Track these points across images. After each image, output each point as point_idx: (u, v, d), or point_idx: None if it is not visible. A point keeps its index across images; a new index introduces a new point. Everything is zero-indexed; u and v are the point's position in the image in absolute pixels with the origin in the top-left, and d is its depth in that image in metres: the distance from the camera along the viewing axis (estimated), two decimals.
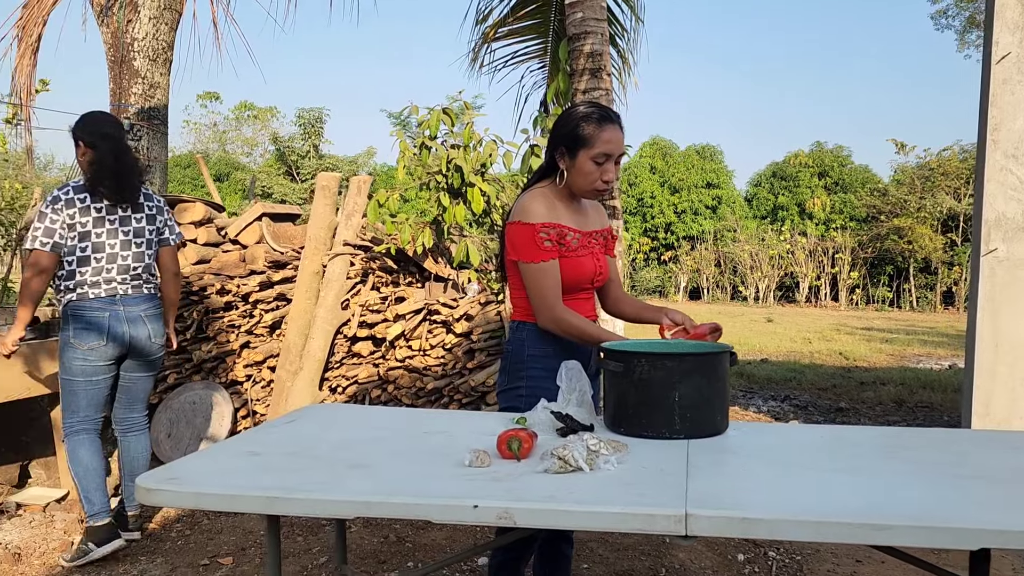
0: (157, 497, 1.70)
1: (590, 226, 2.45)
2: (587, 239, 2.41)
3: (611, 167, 2.31)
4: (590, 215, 2.48)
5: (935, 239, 26.55)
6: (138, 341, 3.44)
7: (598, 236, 2.47)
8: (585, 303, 2.44)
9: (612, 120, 2.32)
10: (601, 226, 2.51)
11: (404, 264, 5.06)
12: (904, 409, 7.00)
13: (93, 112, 3.48)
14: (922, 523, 1.33)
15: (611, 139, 2.29)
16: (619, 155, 2.32)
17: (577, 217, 2.41)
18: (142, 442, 3.63)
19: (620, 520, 1.47)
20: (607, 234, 2.53)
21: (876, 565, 3.33)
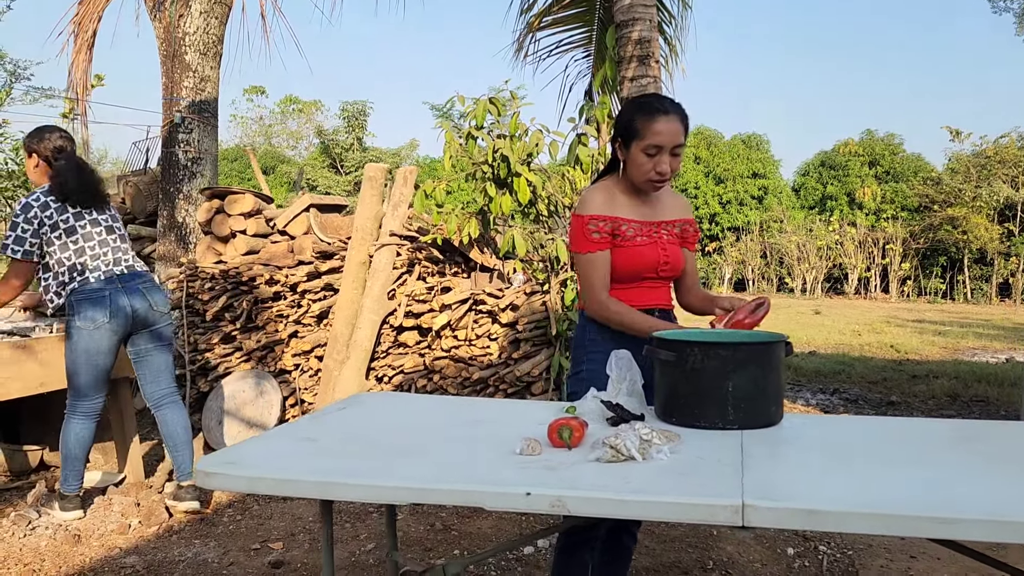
0: (215, 481, 1.73)
1: (660, 216, 2.45)
2: (652, 229, 2.41)
3: (664, 159, 2.29)
4: (662, 205, 2.47)
5: (991, 229, 25.79)
6: (140, 312, 3.63)
7: (670, 226, 2.47)
8: (652, 291, 2.45)
9: (665, 111, 2.29)
10: (677, 216, 2.50)
11: (450, 254, 5.08)
12: (959, 403, 6.82)
13: (44, 127, 3.71)
14: (989, 517, 1.29)
15: (662, 130, 2.26)
16: (674, 146, 2.29)
17: (642, 208, 2.43)
18: (177, 413, 3.80)
19: (676, 510, 1.45)
20: (685, 225, 2.52)
21: (931, 561, 3.25)
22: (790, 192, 33.98)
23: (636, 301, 2.42)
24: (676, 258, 2.46)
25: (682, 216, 2.52)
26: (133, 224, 5.74)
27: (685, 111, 2.37)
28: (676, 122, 2.29)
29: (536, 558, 3.30)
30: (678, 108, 2.34)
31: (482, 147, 4.68)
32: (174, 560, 3.24)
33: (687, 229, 2.53)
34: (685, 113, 2.36)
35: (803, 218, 31.36)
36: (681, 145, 2.31)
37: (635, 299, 2.42)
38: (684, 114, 2.35)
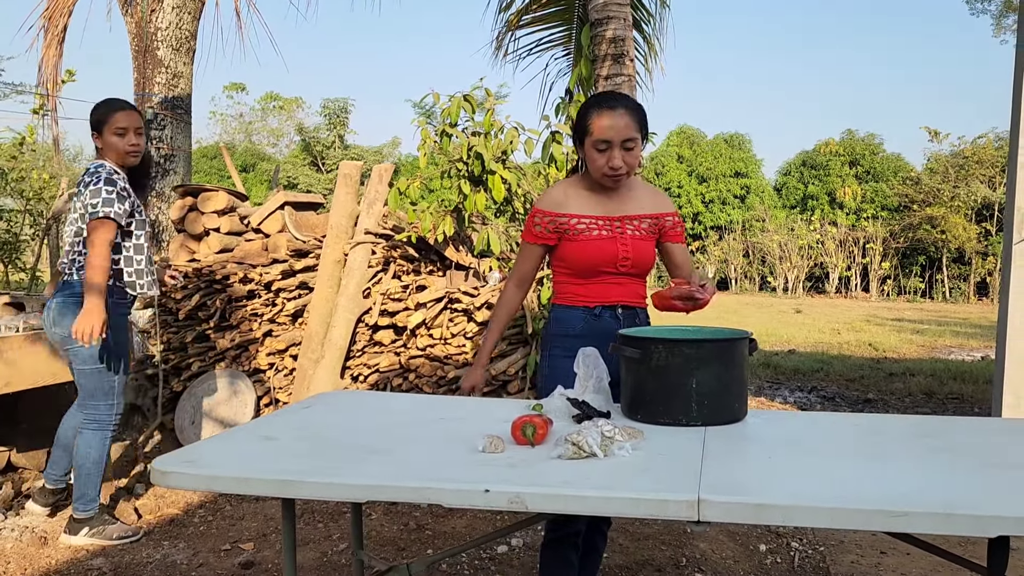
0: (172, 480, 1.70)
1: (625, 211, 2.43)
2: (614, 223, 2.40)
3: (615, 153, 2.30)
4: (631, 200, 2.45)
5: (969, 228, 26.05)
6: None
7: (636, 221, 2.43)
8: (615, 287, 2.43)
9: (611, 106, 2.31)
10: (647, 211, 2.46)
11: (425, 252, 5.06)
12: (934, 400, 6.88)
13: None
14: (940, 510, 1.29)
15: (608, 125, 2.29)
16: (624, 140, 2.29)
17: (606, 203, 2.42)
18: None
19: (633, 505, 1.45)
20: (661, 220, 2.48)
21: (901, 557, 3.27)
22: (772, 191, 34.16)
23: (596, 297, 2.42)
24: (641, 253, 2.43)
25: (655, 211, 2.48)
26: None
27: (638, 105, 2.36)
28: (624, 116, 2.29)
29: (510, 557, 3.29)
30: (627, 102, 2.34)
31: (457, 144, 4.66)
32: (142, 562, 3.21)
33: (665, 223, 2.49)
34: (637, 107, 2.35)
35: (785, 217, 31.53)
36: (632, 139, 2.30)
37: (595, 294, 2.42)
38: (635, 108, 2.34)
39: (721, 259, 30.87)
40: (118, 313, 3.34)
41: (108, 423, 3.36)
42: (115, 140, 3.29)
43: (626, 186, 2.45)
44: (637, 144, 2.33)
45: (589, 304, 2.42)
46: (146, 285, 3.44)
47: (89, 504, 3.35)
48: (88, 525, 3.34)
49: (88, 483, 3.34)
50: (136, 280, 3.39)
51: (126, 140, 3.31)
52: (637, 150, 2.34)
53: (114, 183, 3.25)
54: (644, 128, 2.37)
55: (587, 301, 2.43)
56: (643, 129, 2.36)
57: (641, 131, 2.35)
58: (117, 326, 3.31)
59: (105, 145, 3.32)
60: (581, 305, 2.44)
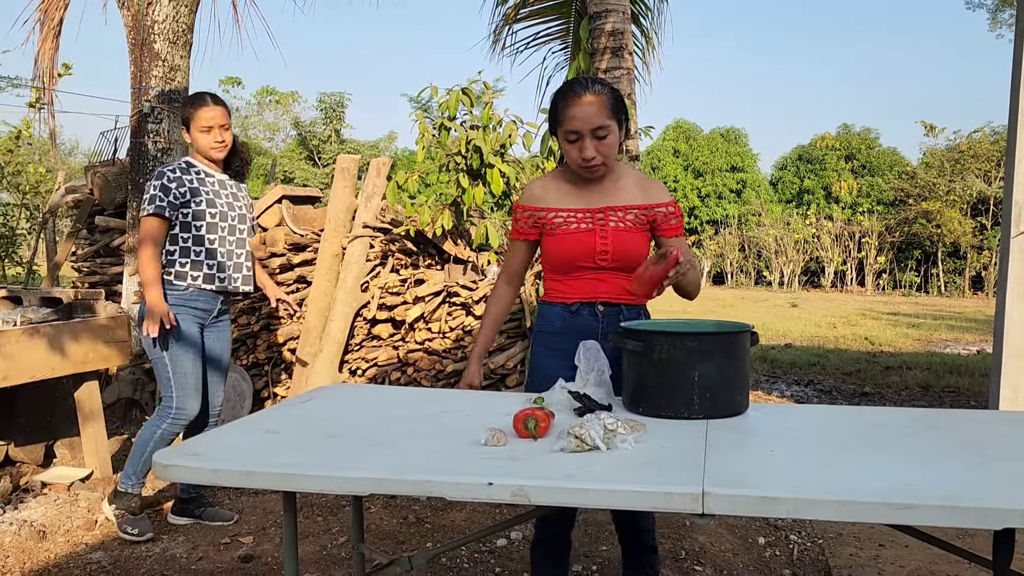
0: (175, 473, 1.70)
1: (609, 202, 2.30)
2: (594, 216, 2.29)
3: (587, 143, 2.18)
4: (616, 191, 2.32)
5: (964, 223, 26.11)
6: None
7: (620, 212, 2.29)
8: (597, 283, 2.33)
9: (578, 93, 2.17)
10: (634, 202, 2.31)
11: (423, 246, 5.05)
12: (931, 394, 6.90)
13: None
14: (945, 503, 1.30)
15: (575, 115, 2.16)
16: (594, 128, 2.16)
17: (587, 195, 2.32)
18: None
19: (637, 498, 1.45)
20: (651, 211, 2.31)
21: (899, 549, 3.28)
22: (768, 186, 34.20)
23: (575, 293, 2.35)
24: (623, 246, 2.29)
25: (644, 201, 2.32)
26: (102, 216, 5.65)
27: (610, 89, 2.20)
28: (593, 103, 2.15)
29: (509, 550, 3.30)
30: (595, 87, 2.19)
31: (455, 138, 4.65)
32: (141, 556, 3.20)
33: (656, 215, 2.32)
34: (609, 92, 2.19)
35: (780, 212, 31.58)
36: (603, 127, 2.16)
37: (574, 290, 2.35)
38: (607, 93, 2.19)
39: (717, 253, 30.89)
40: (178, 307, 3.32)
41: (168, 413, 3.35)
42: (200, 136, 3.33)
43: (612, 176, 2.32)
44: (611, 131, 2.18)
45: (567, 300, 2.35)
46: (202, 278, 3.36)
47: (125, 480, 3.40)
48: (118, 502, 3.39)
49: (132, 460, 3.40)
50: (190, 271, 3.34)
51: (212, 136, 3.34)
52: (612, 137, 2.19)
53: (162, 175, 3.28)
54: (620, 112, 2.21)
55: (565, 297, 2.35)
56: (618, 113, 2.20)
57: (616, 116, 2.19)
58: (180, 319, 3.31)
59: (192, 141, 3.37)
60: (559, 301, 2.37)
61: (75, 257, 5.83)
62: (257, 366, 5.04)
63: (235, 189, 3.53)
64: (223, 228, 3.40)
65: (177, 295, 3.33)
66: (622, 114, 2.24)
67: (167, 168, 3.33)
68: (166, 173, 3.30)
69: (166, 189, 3.27)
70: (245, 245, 3.51)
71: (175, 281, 3.33)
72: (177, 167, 3.35)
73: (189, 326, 3.35)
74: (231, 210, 3.44)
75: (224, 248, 3.41)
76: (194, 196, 3.33)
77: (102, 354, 4.01)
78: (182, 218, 3.33)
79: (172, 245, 3.34)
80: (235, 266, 3.46)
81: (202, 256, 3.36)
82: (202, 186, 3.36)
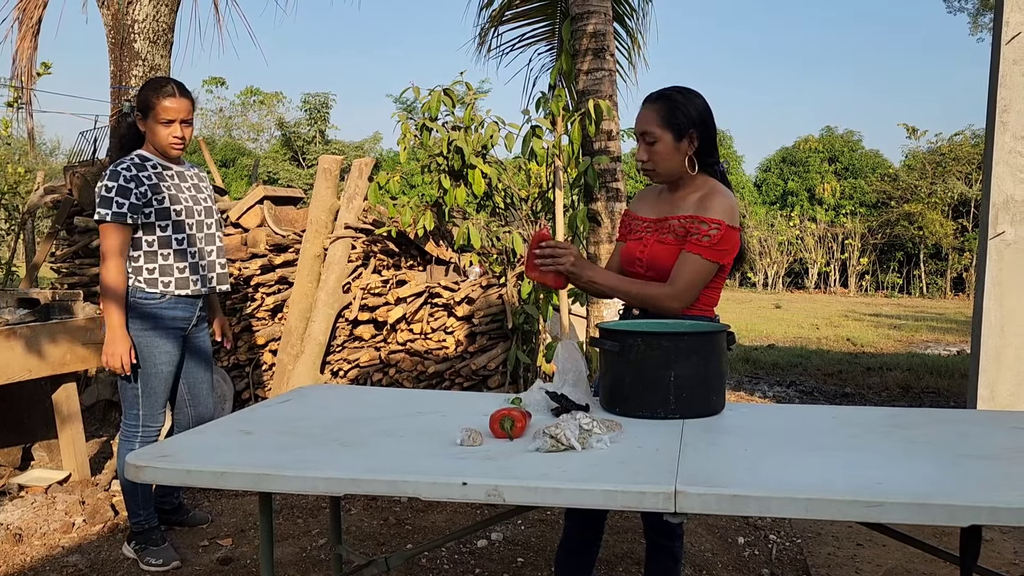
0: (147, 474, 1.69)
1: (670, 212, 2.34)
2: (649, 225, 2.39)
3: (640, 146, 2.33)
4: (681, 202, 2.34)
5: (946, 225, 26.34)
6: None
7: (670, 223, 2.32)
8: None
9: (646, 100, 2.34)
10: (685, 212, 2.30)
11: (406, 247, 5.04)
12: (911, 395, 6.95)
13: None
14: (914, 500, 1.31)
15: (639, 118, 2.33)
16: (641, 133, 2.31)
17: (662, 205, 2.40)
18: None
19: (609, 497, 1.45)
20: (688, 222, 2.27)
21: (877, 548, 3.31)
22: (752, 187, 34.35)
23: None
24: (656, 258, 2.31)
25: (693, 213, 2.28)
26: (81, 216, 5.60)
27: (667, 97, 2.30)
28: (648, 109, 2.30)
29: (489, 551, 3.29)
30: (657, 95, 2.33)
31: (437, 139, 4.65)
32: (119, 558, 3.18)
33: (690, 227, 2.26)
34: (668, 101, 2.28)
35: (765, 213, 31.72)
36: (648, 132, 2.28)
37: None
38: (664, 102, 2.28)
39: None
40: (155, 319, 3.05)
41: (135, 434, 3.10)
42: (159, 129, 2.98)
43: (691, 187, 2.34)
44: (659, 139, 2.27)
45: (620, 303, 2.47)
46: (175, 283, 3.07)
47: (134, 519, 3.13)
48: (138, 539, 3.13)
49: (128, 498, 3.13)
50: (160, 277, 3.03)
51: (171, 131, 3.00)
52: (660, 146, 2.27)
53: (117, 175, 2.94)
54: (674, 123, 2.25)
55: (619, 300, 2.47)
56: (673, 124, 2.25)
57: (668, 126, 2.25)
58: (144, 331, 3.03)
59: (148, 132, 3.02)
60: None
61: (54, 258, 5.78)
62: (238, 367, 5.01)
63: (196, 180, 3.22)
64: (190, 225, 3.11)
65: (152, 305, 3.04)
66: (679, 123, 2.26)
67: (120, 166, 2.96)
68: (121, 172, 2.94)
69: (124, 191, 2.92)
70: (216, 240, 3.23)
71: (147, 289, 3.02)
72: (131, 163, 2.99)
73: (165, 342, 3.07)
74: (196, 204, 3.15)
75: (194, 247, 3.13)
76: (155, 193, 3.01)
77: (80, 356, 3.97)
78: (144, 219, 3.00)
79: (136, 250, 3.02)
80: (208, 265, 3.18)
81: (171, 259, 3.06)
82: (162, 181, 3.04)
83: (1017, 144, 4.28)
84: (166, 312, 3.07)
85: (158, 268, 3.05)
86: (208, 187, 3.29)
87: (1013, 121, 4.28)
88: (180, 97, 3.00)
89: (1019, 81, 4.27)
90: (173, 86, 3.02)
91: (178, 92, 3.01)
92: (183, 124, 3.03)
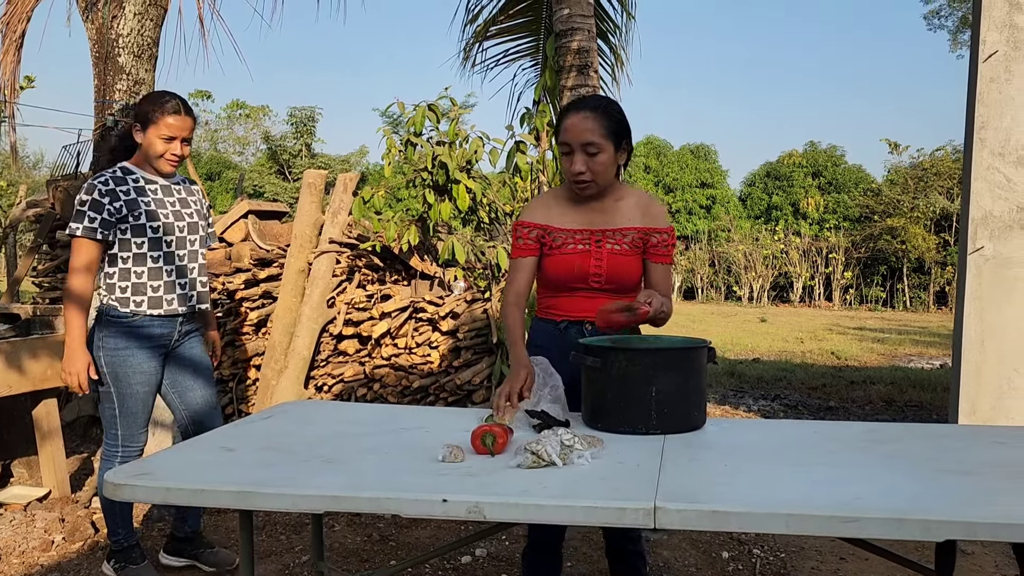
0: (125, 492, 1.68)
1: (609, 224, 2.33)
2: (593, 237, 2.32)
3: (577, 158, 2.23)
4: (618, 213, 2.34)
5: (928, 239, 26.60)
6: None
7: (618, 235, 2.33)
8: (589, 301, 2.35)
9: (576, 108, 2.26)
10: (633, 224, 2.34)
11: (390, 262, 5.04)
12: (894, 408, 6.99)
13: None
14: (891, 515, 1.32)
15: (568, 127, 2.24)
16: (583, 144, 2.22)
17: (589, 215, 2.35)
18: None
19: (590, 513, 1.46)
20: (646, 235, 2.34)
21: (860, 563, 3.32)
22: (737, 202, 34.59)
23: (565, 311, 2.38)
24: (617, 269, 2.33)
25: (642, 224, 2.34)
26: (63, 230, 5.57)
27: (610, 109, 2.27)
28: (588, 119, 2.22)
29: (473, 567, 3.28)
30: (595, 104, 2.27)
31: (421, 153, 4.66)
32: None
33: (651, 239, 2.34)
34: (607, 111, 2.26)
35: (750, 227, 31.93)
36: (592, 143, 2.21)
37: (564, 308, 2.38)
38: (603, 112, 2.25)
39: (688, 269, 31.14)
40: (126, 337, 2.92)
41: (115, 453, 3.00)
42: (157, 143, 2.88)
43: (614, 196, 2.35)
44: (602, 150, 2.22)
45: (556, 318, 2.39)
46: (147, 303, 2.93)
47: (114, 537, 3.05)
48: (117, 558, 3.06)
49: (108, 516, 3.06)
50: (132, 296, 2.91)
51: (170, 147, 2.91)
52: (603, 156, 2.23)
53: (93, 188, 2.84)
54: (615, 134, 2.25)
55: (555, 315, 2.40)
56: (614, 135, 2.25)
57: (610, 136, 2.24)
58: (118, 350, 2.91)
59: (145, 144, 2.91)
60: (549, 318, 2.41)
61: (35, 272, 5.73)
62: (222, 382, 4.98)
63: (184, 194, 3.09)
64: (168, 243, 2.97)
65: (124, 324, 2.91)
66: (620, 136, 2.27)
67: (98, 180, 2.87)
68: (97, 186, 2.84)
69: (97, 205, 2.82)
70: (198, 258, 3.09)
71: (120, 308, 2.90)
72: (110, 177, 2.89)
73: (141, 361, 2.94)
74: (178, 220, 3.01)
75: (172, 265, 2.98)
76: (131, 209, 2.88)
77: (61, 371, 3.93)
78: (120, 235, 2.89)
79: (111, 267, 2.91)
80: (190, 283, 3.04)
81: (144, 277, 2.92)
82: (141, 196, 2.92)
83: (995, 160, 4.33)
84: (140, 331, 2.94)
85: (131, 287, 2.92)
86: (197, 201, 3.16)
87: (991, 138, 4.34)
88: (184, 115, 2.92)
89: (996, 98, 4.34)
90: (178, 103, 2.93)
91: (182, 110, 2.93)
92: (183, 143, 2.95)
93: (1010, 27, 4.32)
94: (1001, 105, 4.32)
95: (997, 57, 4.34)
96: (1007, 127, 4.31)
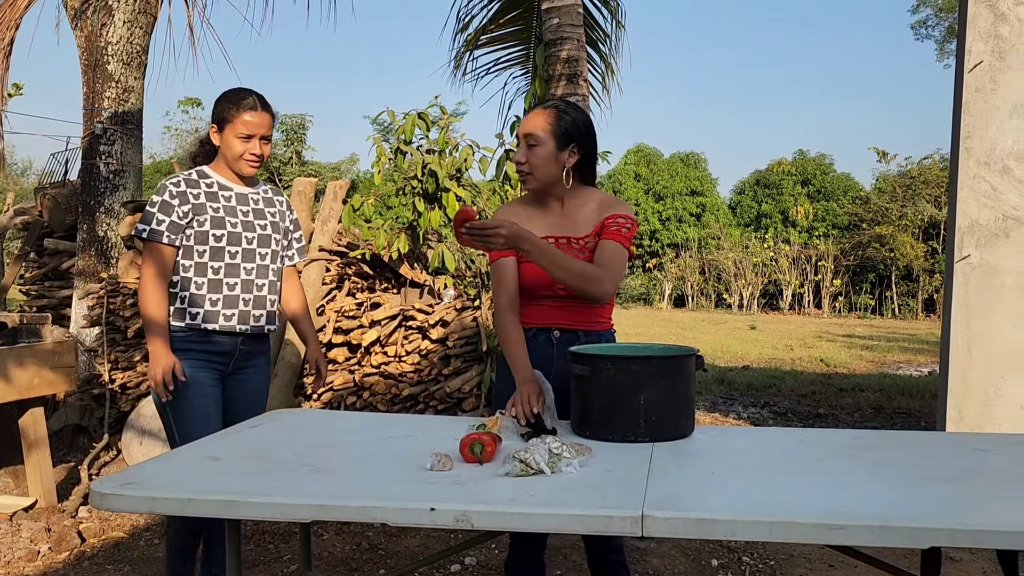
0: (112, 502, 1.66)
1: (572, 231, 2.32)
2: (554, 244, 2.28)
3: (520, 148, 2.32)
4: (580, 219, 2.33)
5: (916, 247, 26.79)
6: None
7: (581, 242, 2.31)
8: (555, 310, 2.34)
9: (535, 106, 2.35)
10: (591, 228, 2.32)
11: (380, 270, 5.03)
12: (882, 415, 7.03)
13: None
14: (876, 523, 1.32)
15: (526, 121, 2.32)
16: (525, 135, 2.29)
17: (553, 222, 2.34)
18: None
19: (577, 522, 1.45)
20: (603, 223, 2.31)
21: (849, 570, 3.33)
22: (727, 210, 34.75)
23: (532, 319, 2.37)
24: None
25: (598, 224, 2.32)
26: (51, 238, 5.55)
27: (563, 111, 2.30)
28: (536, 115, 2.29)
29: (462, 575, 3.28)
30: (550, 104, 2.34)
31: (411, 162, 4.67)
32: None
33: (608, 224, 2.30)
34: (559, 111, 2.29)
35: (739, 235, 32.08)
36: (533, 136, 2.26)
37: (532, 316, 2.37)
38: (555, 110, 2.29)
39: (678, 276, 31.24)
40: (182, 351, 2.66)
41: None
42: (236, 143, 2.68)
43: (576, 202, 2.34)
44: (541, 143, 2.25)
45: (524, 326, 2.36)
46: (202, 316, 2.67)
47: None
48: None
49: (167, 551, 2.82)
50: (188, 308, 2.66)
51: (249, 147, 2.69)
52: (541, 151, 2.26)
53: (164, 189, 2.65)
54: (563, 133, 2.26)
55: (523, 323, 2.36)
56: (561, 134, 2.26)
57: (554, 134, 2.26)
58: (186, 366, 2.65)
59: (223, 145, 2.72)
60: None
61: (23, 280, 5.71)
62: None
63: (263, 204, 2.85)
64: (233, 253, 2.71)
65: (179, 339, 2.67)
66: (568, 135, 2.28)
67: (170, 181, 2.68)
68: (168, 187, 2.65)
69: (167, 207, 2.62)
70: (268, 274, 2.80)
71: (174, 322, 2.67)
72: (183, 179, 2.70)
73: (196, 373, 2.66)
74: (248, 231, 2.75)
75: (234, 279, 2.72)
76: (198, 214, 2.66)
77: (48, 380, 3.92)
78: (185, 241, 2.67)
79: (175, 275, 2.68)
80: (255, 300, 2.76)
81: (204, 289, 2.67)
82: (211, 202, 2.69)
83: (981, 170, 4.37)
84: (195, 346, 2.69)
85: (188, 297, 2.68)
86: (277, 212, 2.89)
87: (976, 147, 4.38)
88: (261, 111, 2.70)
89: (981, 108, 4.38)
90: (255, 99, 2.71)
91: (259, 105, 2.71)
92: (262, 140, 2.72)
93: (995, 37, 4.36)
94: (986, 115, 4.36)
95: (982, 67, 4.38)
96: (992, 136, 4.35)
